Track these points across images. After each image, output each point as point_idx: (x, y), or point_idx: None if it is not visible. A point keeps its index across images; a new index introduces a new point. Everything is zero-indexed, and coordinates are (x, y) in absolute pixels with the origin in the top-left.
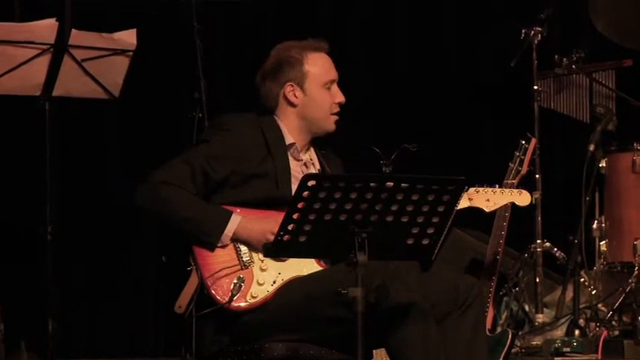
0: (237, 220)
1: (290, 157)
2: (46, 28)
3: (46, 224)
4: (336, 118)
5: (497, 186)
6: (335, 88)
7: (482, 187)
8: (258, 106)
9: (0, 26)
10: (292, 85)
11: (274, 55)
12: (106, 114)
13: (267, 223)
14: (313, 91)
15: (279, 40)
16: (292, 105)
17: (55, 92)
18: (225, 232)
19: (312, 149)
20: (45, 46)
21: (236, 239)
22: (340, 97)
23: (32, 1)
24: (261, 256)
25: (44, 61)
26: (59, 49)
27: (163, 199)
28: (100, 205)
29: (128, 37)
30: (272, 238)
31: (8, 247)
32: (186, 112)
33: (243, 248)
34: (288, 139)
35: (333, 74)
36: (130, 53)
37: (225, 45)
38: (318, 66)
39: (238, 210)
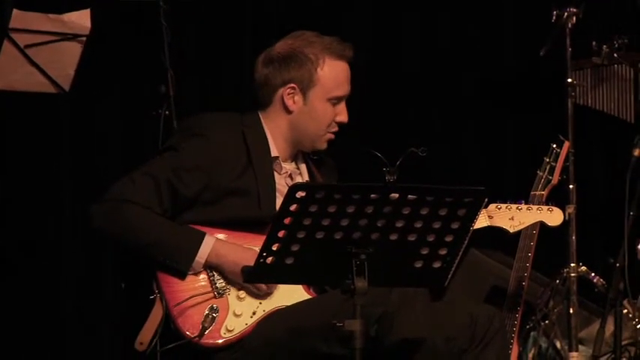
0: (211, 244)
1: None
2: None
3: None
4: (331, 137)
5: (522, 202)
6: (342, 105)
7: (505, 203)
8: (249, 94)
9: None
10: (294, 88)
11: (289, 43)
12: (53, 111)
13: (244, 253)
14: (315, 102)
15: (263, 23)
16: (287, 110)
17: None
18: (197, 258)
19: (299, 156)
20: None
21: (209, 266)
22: (344, 117)
23: None
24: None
25: None
26: None
27: (123, 220)
28: (46, 222)
29: (81, 19)
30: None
31: None
32: (149, 110)
33: (218, 273)
34: (273, 151)
35: (345, 89)
36: (83, 38)
37: (196, 28)
38: (332, 76)
39: (219, 233)
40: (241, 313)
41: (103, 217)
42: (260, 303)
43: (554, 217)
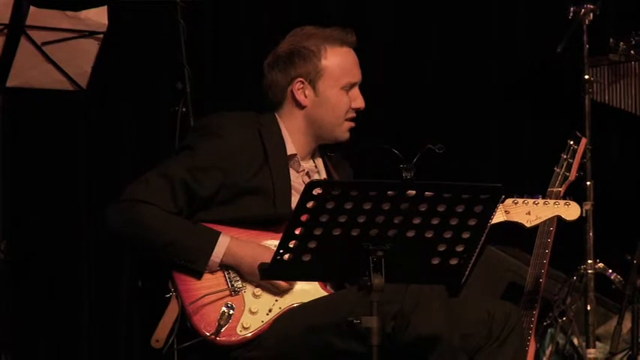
0: (226, 243)
1: (290, 169)
2: None
3: None
4: (351, 125)
5: (540, 196)
6: (355, 91)
7: (522, 197)
8: (262, 98)
9: None
10: (302, 82)
11: (288, 41)
12: (71, 109)
13: (260, 251)
14: (327, 91)
15: (279, 19)
16: (299, 105)
17: (10, 82)
18: (212, 258)
19: (317, 155)
20: None
21: (224, 265)
22: (360, 103)
23: None
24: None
25: None
26: (15, 30)
27: (139, 221)
28: (64, 220)
29: (98, 17)
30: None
31: None
32: (166, 107)
33: (234, 271)
34: (290, 149)
35: (354, 76)
36: (100, 36)
37: (214, 26)
38: (338, 63)
39: (235, 232)
40: (257, 311)
41: (118, 217)
42: (276, 300)
43: (571, 211)
